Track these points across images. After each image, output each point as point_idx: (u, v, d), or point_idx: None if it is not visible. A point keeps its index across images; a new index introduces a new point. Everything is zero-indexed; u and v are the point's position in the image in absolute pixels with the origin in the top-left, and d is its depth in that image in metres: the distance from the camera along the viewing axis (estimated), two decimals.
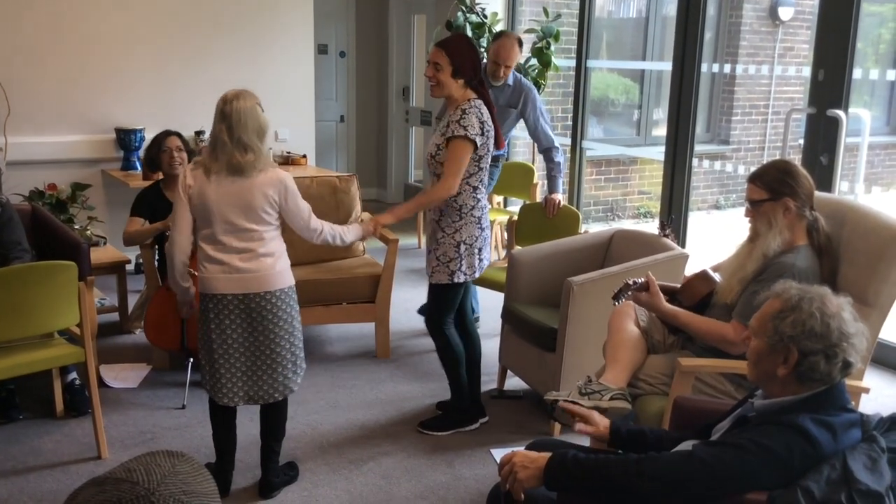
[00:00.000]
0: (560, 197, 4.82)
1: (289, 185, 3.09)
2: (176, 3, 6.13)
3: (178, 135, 4.52)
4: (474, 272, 3.61)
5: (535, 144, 4.88)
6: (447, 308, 3.67)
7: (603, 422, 2.23)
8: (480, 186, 3.55)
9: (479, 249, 3.59)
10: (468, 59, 3.43)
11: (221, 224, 3.01)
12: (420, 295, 5.53)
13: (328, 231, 3.27)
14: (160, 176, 4.58)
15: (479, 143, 3.42)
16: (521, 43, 4.81)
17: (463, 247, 3.53)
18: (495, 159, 4.69)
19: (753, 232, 2.86)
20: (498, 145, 3.59)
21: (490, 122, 3.50)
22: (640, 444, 2.17)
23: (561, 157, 4.87)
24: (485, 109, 3.48)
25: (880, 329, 2.94)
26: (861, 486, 1.73)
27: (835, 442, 1.85)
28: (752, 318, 2.03)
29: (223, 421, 3.21)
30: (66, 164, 5.85)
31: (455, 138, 3.38)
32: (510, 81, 4.81)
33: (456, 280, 3.56)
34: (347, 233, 3.36)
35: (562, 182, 4.88)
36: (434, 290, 3.64)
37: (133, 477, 1.04)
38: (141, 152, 5.94)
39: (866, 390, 2.74)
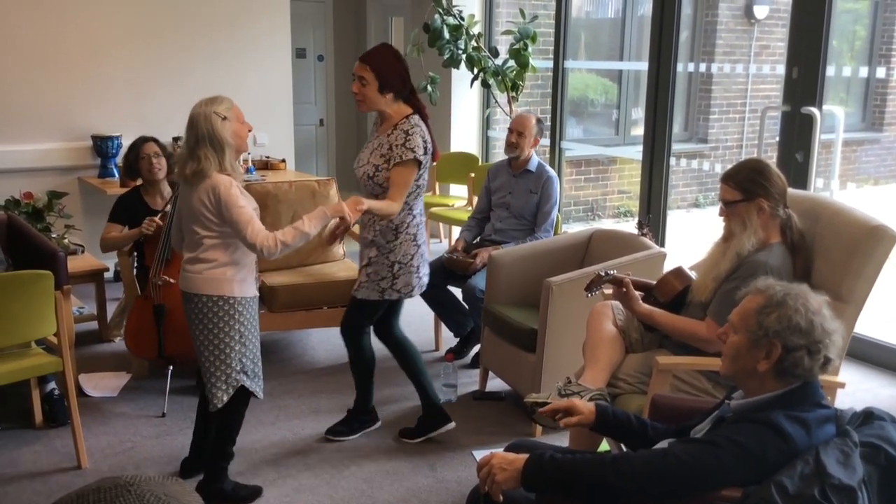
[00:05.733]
0: (489, 254, 4.27)
1: (221, 192, 2.91)
2: (151, 9, 6.09)
3: (155, 140, 4.49)
4: (411, 290, 3.49)
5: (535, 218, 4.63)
6: (368, 321, 3.58)
7: (587, 407, 2.20)
8: (416, 203, 3.43)
9: (418, 267, 3.47)
10: (394, 71, 3.28)
11: (184, 225, 3.11)
12: None
13: (276, 241, 2.93)
14: (138, 182, 4.56)
15: (423, 163, 3.32)
16: (540, 122, 4.72)
17: (397, 266, 3.41)
18: None
19: (728, 231, 2.89)
20: (434, 158, 3.45)
21: (429, 137, 3.38)
22: (626, 430, 2.17)
23: (533, 240, 4.47)
24: (424, 125, 3.36)
25: (855, 324, 2.97)
26: (834, 480, 1.75)
27: (809, 437, 1.87)
28: (731, 313, 2.04)
29: (198, 414, 3.38)
30: (43, 173, 5.80)
31: (403, 163, 3.26)
32: (533, 168, 4.67)
33: (387, 297, 3.46)
34: (308, 223, 3.00)
35: (510, 246, 4.42)
36: (359, 303, 3.50)
37: (123, 478, 1.10)
38: (118, 159, 5.91)
39: (842, 385, 2.77)
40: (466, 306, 4.52)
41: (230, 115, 2.98)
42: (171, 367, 4.10)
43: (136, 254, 4.50)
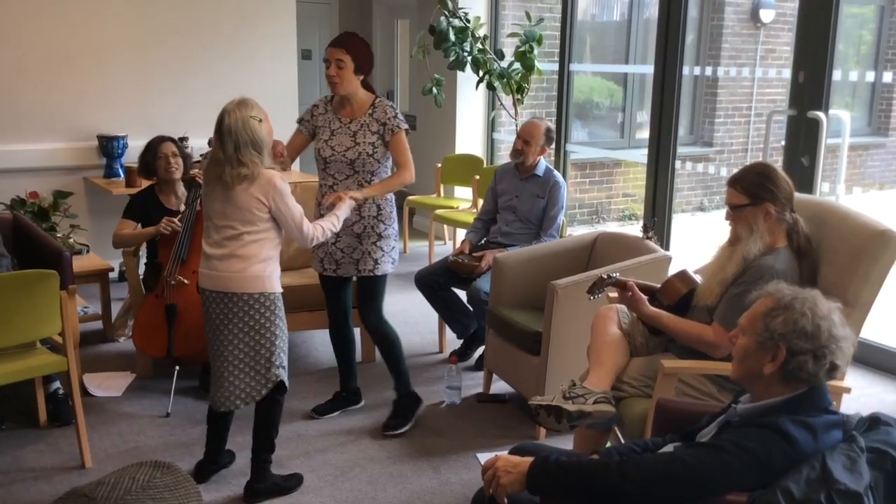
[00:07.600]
0: (494, 256, 4.26)
1: (278, 185, 3.02)
2: (157, 10, 6.10)
3: (173, 140, 4.50)
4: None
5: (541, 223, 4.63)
6: (383, 298, 3.79)
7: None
8: None
9: None
10: (366, 56, 3.57)
11: (211, 222, 3.11)
12: (406, 299, 5.53)
13: (322, 230, 3.19)
14: (142, 183, 4.56)
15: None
16: (549, 130, 4.67)
17: (396, 234, 3.76)
18: None
19: (734, 235, 2.88)
20: None
21: None
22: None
23: (540, 243, 4.47)
24: None
25: (861, 328, 2.96)
26: (840, 485, 1.74)
27: (815, 442, 1.87)
28: (741, 316, 2.04)
29: (212, 419, 3.31)
30: (48, 172, 5.81)
31: (400, 131, 3.58)
32: (540, 172, 4.64)
33: (395, 266, 3.76)
34: (337, 219, 3.29)
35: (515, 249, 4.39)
36: (376, 282, 3.71)
37: (95, 492, 1.03)
38: (124, 159, 5.92)
39: (847, 390, 2.75)
40: (471, 308, 4.52)
41: (262, 116, 3.07)
42: (178, 368, 4.10)
43: (145, 251, 4.50)
